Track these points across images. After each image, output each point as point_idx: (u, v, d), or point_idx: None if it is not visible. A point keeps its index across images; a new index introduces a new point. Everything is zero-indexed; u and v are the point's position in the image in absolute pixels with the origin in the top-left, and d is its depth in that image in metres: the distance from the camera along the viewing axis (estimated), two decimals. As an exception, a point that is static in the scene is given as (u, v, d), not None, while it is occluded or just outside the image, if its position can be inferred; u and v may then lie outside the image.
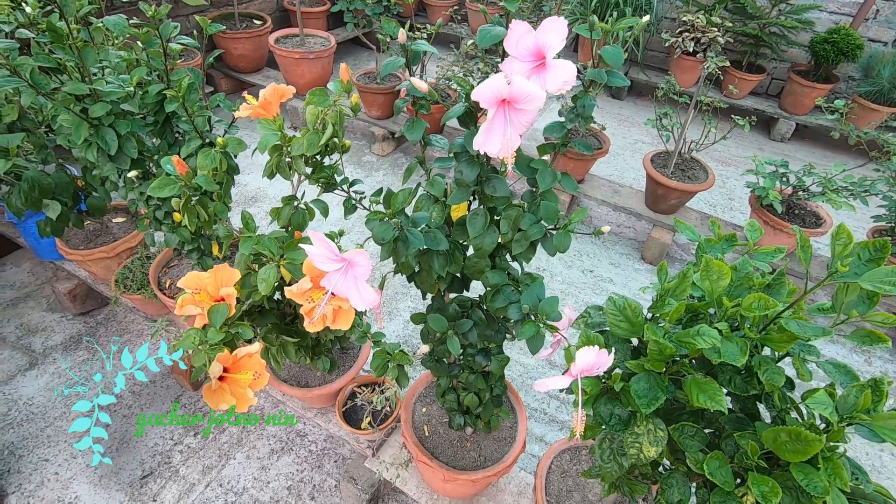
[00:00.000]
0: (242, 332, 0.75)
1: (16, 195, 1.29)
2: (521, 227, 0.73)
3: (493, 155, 0.59)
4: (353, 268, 0.61)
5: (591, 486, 1.23)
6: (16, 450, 1.59)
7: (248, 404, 0.72)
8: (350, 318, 0.71)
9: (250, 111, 0.83)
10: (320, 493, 1.56)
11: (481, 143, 0.57)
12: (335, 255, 0.60)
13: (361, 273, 0.60)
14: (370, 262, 0.59)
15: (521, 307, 0.69)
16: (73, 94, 0.96)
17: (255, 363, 0.71)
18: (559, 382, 0.61)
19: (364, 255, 0.59)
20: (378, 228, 0.64)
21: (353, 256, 0.59)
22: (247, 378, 0.70)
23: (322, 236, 0.59)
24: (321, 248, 0.60)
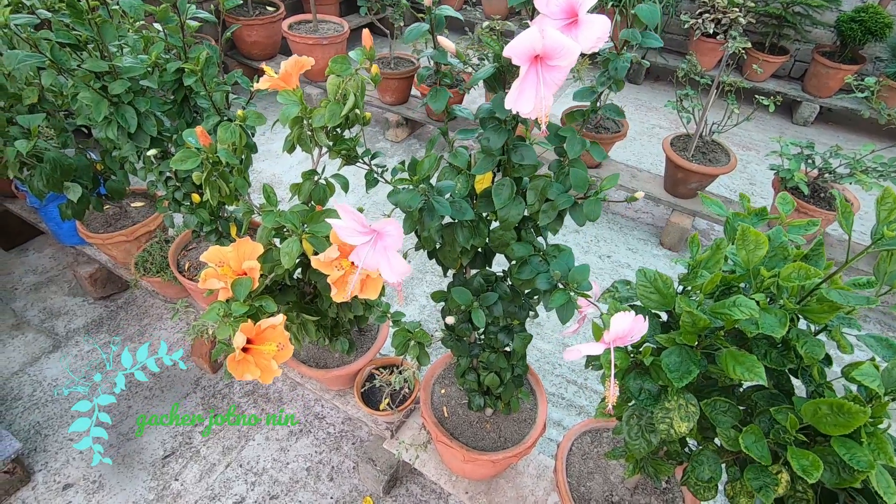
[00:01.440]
0: (266, 306, 0.74)
1: (38, 177, 1.30)
2: (548, 196, 0.71)
3: (525, 114, 0.57)
4: (382, 238, 0.59)
5: (612, 467, 1.22)
6: (41, 429, 1.62)
7: (272, 376, 0.71)
8: (378, 287, 0.70)
9: (270, 83, 0.81)
10: (339, 475, 1.57)
11: (513, 102, 0.55)
12: (364, 228, 0.59)
13: (392, 243, 0.59)
14: (401, 231, 0.57)
15: (551, 276, 0.67)
16: (92, 72, 0.96)
17: (279, 334, 0.71)
18: (592, 349, 0.59)
19: (395, 224, 0.57)
20: (404, 196, 0.63)
21: (383, 226, 0.58)
22: (271, 349, 0.69)
23: (350, 208, 0.58)
24: (349, 220, 0.58)
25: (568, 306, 0.65)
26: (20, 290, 2.06)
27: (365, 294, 0.70)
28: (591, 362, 0.82)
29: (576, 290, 0.65)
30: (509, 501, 1.33)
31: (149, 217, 1.74)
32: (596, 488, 1.18)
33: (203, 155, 0.74)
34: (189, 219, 1.32)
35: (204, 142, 0.75)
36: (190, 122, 1.16)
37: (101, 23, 0.94)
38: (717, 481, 0.75)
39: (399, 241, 0.58)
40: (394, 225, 0.57)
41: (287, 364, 1.42)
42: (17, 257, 2.21)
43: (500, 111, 0.62)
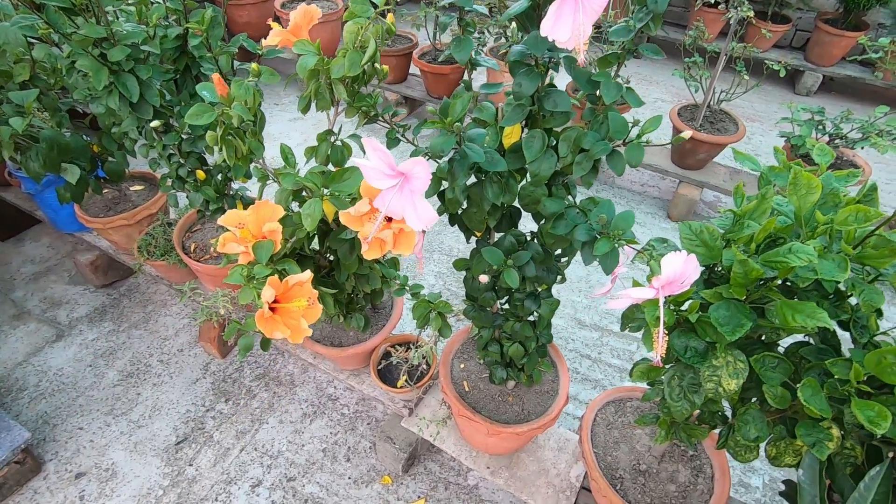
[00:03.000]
0: (289, 269, 0.71)
1: (34, 157, 1.24)
2: (583, 146, 0.67)
3: (562, 43, 0.53)
4: (409, 182, 0.55)
5: (638, 436, 1.20)
6: (49, 419, 1.58)
7: (302, 335, 0.68)
8: (412, 242, 0.66)
9: (280, 37, 0.76)
10: (355, 455, 1.54)
11: (549, 29, 0.51)
12: (391, 169, 0.55)
13: (419, 186, 0.55)
14: (430, 173, 0.53)
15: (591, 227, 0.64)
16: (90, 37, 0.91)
17: (307, 291, 0.67)
18: (641, 293, 0.56)
19: (423, 164, 0.53)
20: (436, 140, 0.59)
21: (411, 167, 0.53)
22: (301, 305, 0.65)
23: (378, 144, 0.53)
24: (377, 159, 0.54)
25: (612, 254, 0.61)
26: (19, 280, 2.01)
27: (398, 249, 0.66)
28: (629, 323, 0.79)
29: (620, 238, 0.62)
30: (531, 475, 1.31)
31: (150, 200, 1.69)
32: (622, 457, 1.16)
33: (219, 109, 0.70)
34: (194, 197, 1.28)
35: (221, 91, 0.71)
36: (192, 93, 1.11)
37: (97, -16, 0.88)
38: (764, 440, 0.72)
39: (426, 183, 0.54)
40: (422, 165, 0.53)
41: (301, 344, 1.38)
42: (13, 247, 2.16)
43: (535, 48, 0.58)
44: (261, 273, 0.67)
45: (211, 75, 1.17)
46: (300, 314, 0.66)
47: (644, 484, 1.12)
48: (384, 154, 0.54)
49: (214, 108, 0.69)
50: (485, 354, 1.17)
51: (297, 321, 0.67)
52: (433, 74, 2.72)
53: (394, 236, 0.65)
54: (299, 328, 0.67)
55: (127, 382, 1.69)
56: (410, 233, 0.65)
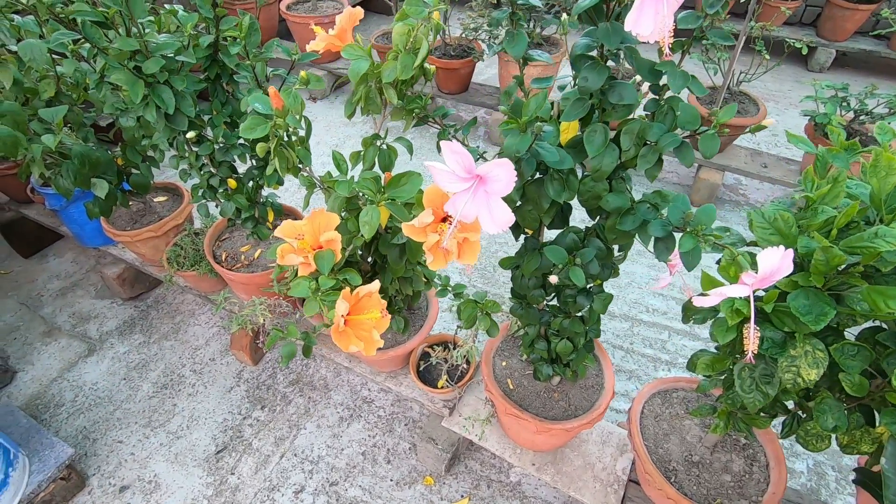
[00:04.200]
0: (351, 279, 0.69)
1: (65, 173, 1.24)
2: (648, 139, 0.65)
3: (644, 37, 0.51)
4: (486, 183, 0.54)
5: (687, 427, 1.18)
6: (89, 434, 1.59)
7: (374, 347, 0.67)
8: (477, 251, 0.65)
9: (326, 42, 0.75)
10: (395, 457, 1.54)
11: (633, 23, 0.50)
12: (467, 172, 0.53)
13: (499, 189, 0.53)
14: (512, 174, 0.52)
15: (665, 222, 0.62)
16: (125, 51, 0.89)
17: (376, 302, 0.66)
18: (735, 291, 0.54)
19: (505, 166, 0.51)
20: (511, 141, 0.57)
21: (491, 169, 0.52)
22: (374, 316, 0.64)
23: (458, 147, 0.52)
24: (454, 162, 0.53)
25: (694, 252, 0.60)
26: (46, 296, 2.02)
27: (464, 259, 0.65)
28: (692, 315, 0.78)
29: (705, 234, 0.60)
30: (577, 470, 1.31)
31: (175, 210, 1.68)
32: (674, 449, 1.15)
33: (272, 121, 0.68)
34: (226, 206, 1.27)
35: (277, 103, 0.69)
36: (224, 101, 1.09)
37: (130, -4, 0.87)
38: (842, 430, 0.71)
39: (510, 184, 0.52)
40: (504, 167, 0.51)
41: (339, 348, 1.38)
42: (37, 264, 2.16)
43: (607, 41, 0.57)
44: (326, 284, 0.66)
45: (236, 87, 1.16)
46: (372, 325, 0.65)
47: (698, 475, 1.10)
48: (463, 156, 0.52)
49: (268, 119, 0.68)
50: (530, 352, 1.16)
51: (369, 333, 0.66)
52: (444, 70, 2.69)
53: (458, 245, 0.64)
54: (371, 340, 0.66)
55: (162, 394, 1.69)
56: (475, 241, 0.64)
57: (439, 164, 0.54)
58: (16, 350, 1.82)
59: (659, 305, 1.99)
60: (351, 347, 0.66)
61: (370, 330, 0.66)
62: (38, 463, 1.37)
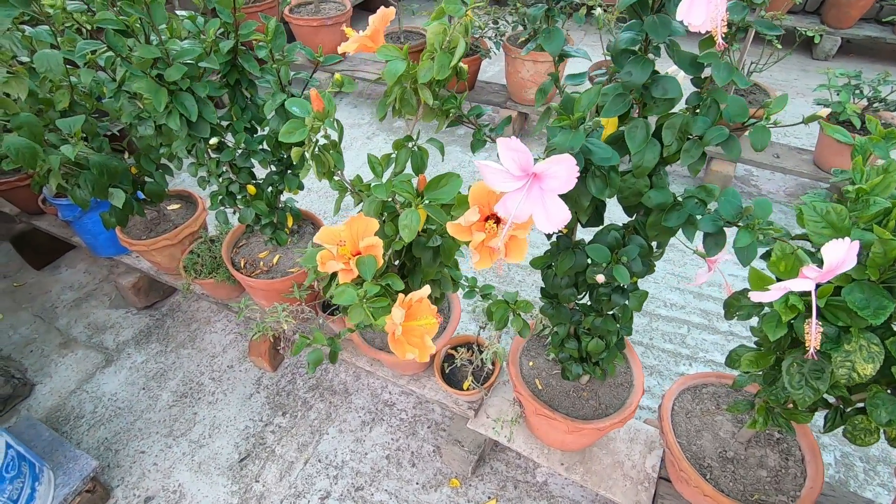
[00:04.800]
0: (394, 284, 0.68)
1: (83, 184, 1.23)
2: (692, 133, 0.64)
3: (696, 27, 0.50)
4: (542, 181, 0.52)
5: (719, 423, 1.17)
6: (111, 445, 1.58)
7: (428, 353, 0.66)
8: (525, 249, 0.63)
9: (358, 43, 0.74)
10: (420, 460, 1.53)
11: (685, 13, 0.49)
12: (522, 171, 0.52)
13: (557, 186, 0.51)
14: (573, 171, 0.50)
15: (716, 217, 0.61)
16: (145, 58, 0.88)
17: (427, 308, 0.65)
18: (798, 285, 0.53)
19: (566, 162, 0.50)
20: (561, 138, 0.56)
21: (548, 167, 0.50)
22: (429, 322, 0.63)
23: (516, 144, 0.50)
24: (510, 159, 0.51)
25: (751, 247, 0.59)
26: (60, 308, 2.01)
27: (511, 258, 0.64)
28: (735, 311, 0.76)
29: (762, 228, 0.59)
30: (607, 468, 1.30)
31: (189, 218, 1.67)
32: (707, 446, 1.13)
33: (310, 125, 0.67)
34: (245, 212, 1.26)
35: (317, 106, 0.68)
36: (243, 107, 1.08)
37: (151, 3, 0.85)
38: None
39: (570, 181, 0.51)
40: (564, 164, 0.50)
41: (363, 351, 1.37)
42: (50, 275, 2.15)
43: (655, 34, 0.55)
44: (372, 291, 0.65)
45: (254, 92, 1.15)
46: (423, 331, 0.64)
47: (734, 471, 1.09)
48: (521, 154, 0.51)
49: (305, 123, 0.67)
50: (559, 351, 1.14)
51: (421, 339, 0.64)
52: (450, 68, 2.67)
53: (505, 244, 0.62)
54: (424, 346, 0.65)
55: (182, 403, 1.68)
56: (523, 239, 0.62)
57: (491, 163, 0.53)
58: (33, 363, 1.81)
59: (676, 300, 1.98)
60: (408, 355, 0.64)
61: (421, 336, 0.65)
62: (63, 476, 1.36)
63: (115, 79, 1.07)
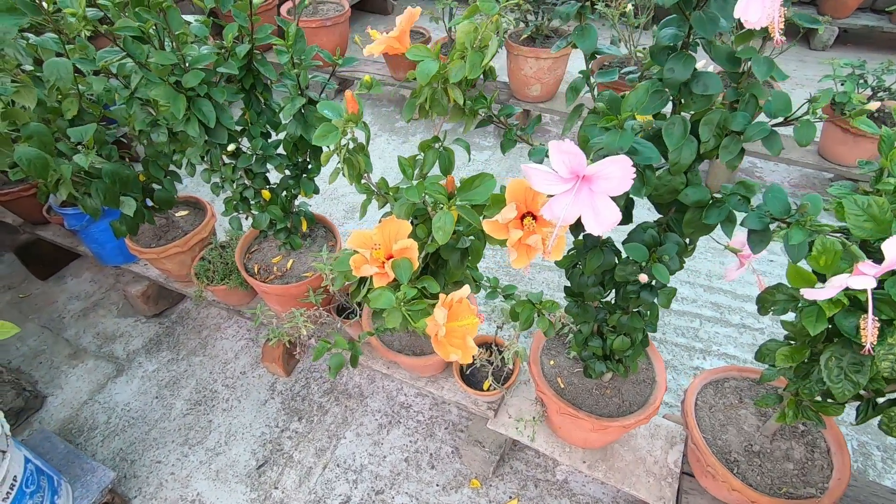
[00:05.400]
0: (429, 286, 0.68)
1: (94, 193, 1.21)
2: (732, 128, 0.64)
3: (752, 24, 0.49)
4: (593, 182, 0.51)
5: (743, 417, 1.17)
6: (126, 455, 1.56)
7: (470, 354, 0.65)
8: (563, 247, 0.63)
9: (385, 44, 0.73)
10: (439, 461, 1.53)
11: (742, 10, 0.48)
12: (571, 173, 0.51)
13: (610, 187, 0.51)
14: (629, 172, 0.49)
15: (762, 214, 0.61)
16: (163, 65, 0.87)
17: (467, 308, 0.64)
18: (858, 282, 0.53)
19: (621, 163, 0.49)
20: (609, 138, 0.55)
21: (601, 169, 0.49)
22: (472, 322, 0.63)
23: (569, 146, 0.49)
24: (560, 161, 0.50)
25: (803, 245, 0.58)
26: (68, 318, 1.99)
27: (553, 255, 0.63)
28: (770, 306, 0.76)
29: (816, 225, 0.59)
30: (629, 465, 1.29)
31: (199, 225, 1.66)
32: (732, 440, 1.13)
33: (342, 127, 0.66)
34: (260, 217, 1.25)
35: (353, 109, 0.67)
36: (259, 111, 1.07)
37: (167, 8, 0.84)
38: (937, 414, 0.69)
39: (625, 182, 0.50)
40: (619, 164, 0.49)
41: (381, 354, 1.36)
42: (55, 285, 2.13)
43: (703, 30, 0.55)
44: (410, 294, 0.64)
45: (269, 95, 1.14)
46: (464, 332, 0.63)
47: (760, 465, 1.09)
48: (572, 156, 0.50)
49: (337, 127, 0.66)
50: (581, 349, 1.14)
51: (463, 339, 0.64)
52: (452, 67, 2.66)
53: (543, 242, 0.62)
54: (467, 346, 0.64)
55: (196, 411, 1.67)
56: (562, 237, 0.62)
57: (538, 166, 0.52)
58: (43, 374, 1.79)
59: (687, 293, 1.98)
60: (451, 356, 0.64)
61: (463, 336, 0.64)
62: (81, 489, 1.35)
63: (127, 86, 1.05)
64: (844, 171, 2.18)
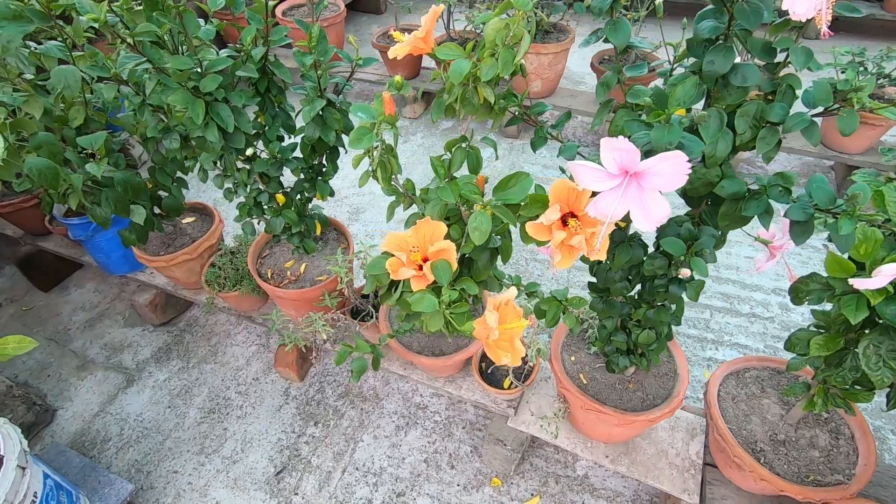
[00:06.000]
0: (469, 288, 0.67)
1: (104, 202, 1.19)
2: (770, 119, 0.63)
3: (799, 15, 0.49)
4: (644, 178, 0.51)
5: (766, 406, 1.18)
6: (142, 467, 1.55)
7: (520, 356, 0.64)
8: (606, 245, 0.62)
9: (411, 45, 0.72)
10: (458, 461, 1.52)
11: (790, 2, 0.48)
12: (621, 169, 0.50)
13: (661, 183, 0.50)
14: (682, 167, 0.49)
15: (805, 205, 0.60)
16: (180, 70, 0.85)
17: (512, 310, 0.63)
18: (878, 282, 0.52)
19: (679, 158, 0.48)
20: (657, 133, 0.55)
21: (654, 164, 0.49)
22: (521, 325, 0.62)
23: (623, 143, 0.49)
24: (612, 158, 0.49)
25: (852, 235, 0.58)
26: (74, 330, 1.96)
27: (597, 255, 0.62)
28: (804, 296, 0.76)
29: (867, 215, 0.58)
30: (651, 458, 1.30)
31: (207, 231, 1.64)
32: (757, 430, 1.14)
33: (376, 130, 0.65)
34: (274, 222, 1.23)
35: (390, 110, 0.66)
36: (274, 115, 1.05)
37: (184, 11, 0.82)
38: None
39: (678, 177, 0.49)
40: (671, 160, 0.48)
41: (401, 355, 1.35)
42: (59, 297, 2.10)
43: (747, 21, 0.54)
44: (452, 296, 0.63)
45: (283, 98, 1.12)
46: (512, 334, 0.63)
47: (787, 454, 1.10)
48: (626, 152, 0.49)
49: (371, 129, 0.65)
50: (604, 345, 1.14)
51: (511, 342, 0.63)
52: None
53: (587, 241, 0.61)
54: (515, 349, 0.63)
55: (210, 419, 1.65)
56: (606, 235, 0.61)
57: (586, 163, 0.52)
58: (51, 387, 1.77)
59: (697, 285, 1.98)
60: (503, 360, 0.63)
61: (510, 339, 0.63)
62: (100, 502, 1.33)
63: (139, 92, 1.04)
64: (846, 158, 2.20)
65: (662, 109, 0.57)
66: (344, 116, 1.00)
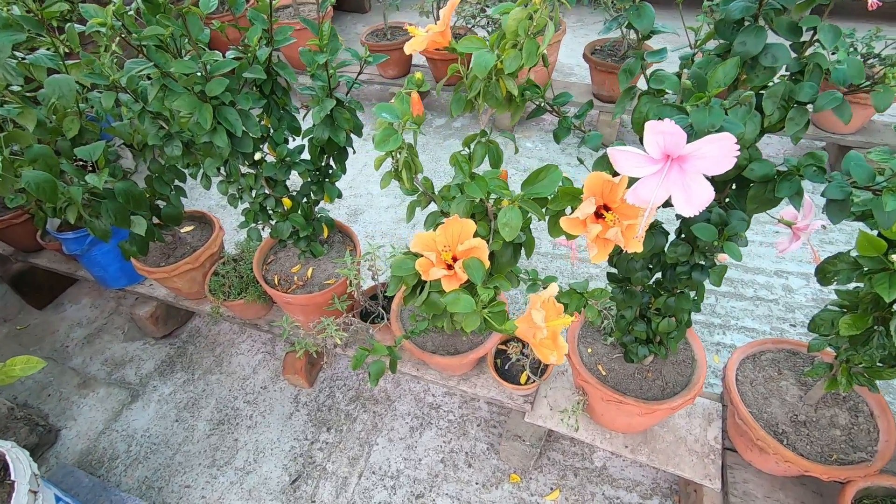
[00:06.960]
0: (502, 286, 0.65)
1: (105, 214, 1.16)
2: (799, 99, 0.63)
3: None
4: (685, 162, 0.50)
5: (785, 388, 1.18)
6: (153, 483, 1.51)
7: (563, 353, 0.63)
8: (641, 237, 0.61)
9: (429, 39, 0.70)
10: (475, 459, 1.51)
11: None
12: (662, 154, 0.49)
13: (705, 166, 0.49)
14: (729, 149, 0.48)
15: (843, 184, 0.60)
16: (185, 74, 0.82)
17: (552, 307, 0.62)
18: None
19: (726, 140, 0.47)
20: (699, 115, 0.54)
21: (699, 147, 0.48)
22: (565, 322, 0.61)
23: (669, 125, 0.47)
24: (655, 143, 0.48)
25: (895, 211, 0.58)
26: (72, 347, 1.91)
27: (631, 247, 0.61)
28: (832, 277, 0.76)
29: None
30: (670, 446, 1.30)
31: (208, 239, 1.60)
32: (777, 412, 1.14)
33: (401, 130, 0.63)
34: (282, 227, 1.21)
35: (418, 110, 0.64)
36: (279, 117, 1.03)
37: (187, 13, 0.80)
38: None
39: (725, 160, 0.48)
40: (722, 141, 0.47)
41: (416, 356, 1.33)
42: (54, 314, 2.05)
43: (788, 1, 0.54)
44: (488, 295, 0.62)
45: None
46: (556, 331, 0.62)
47: (808, 434, 1.10)
48: (671, 136, 0.48)
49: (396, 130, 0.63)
50: (622, 335, 1.13)
51: (555, 339, 0.62)
52: (442, 61, 2.63)
53: (623, 233, 0.60)
54: (559, 346, 0.62)
55: (220, 430, 1.62)
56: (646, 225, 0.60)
57: (627, 148, 0.51)
58: (53, 407, 1.72)
59: (700, 271, 1.99)
60: (550, 358, 0.62)
61: (554, 336, 0.62)
62: (113, 522, 1.30)
63: (138, 99, 1.00)
64: (838, 138, 2.22)
65: (703, 91, 0.56)
66: (353, 116, 0.98)
